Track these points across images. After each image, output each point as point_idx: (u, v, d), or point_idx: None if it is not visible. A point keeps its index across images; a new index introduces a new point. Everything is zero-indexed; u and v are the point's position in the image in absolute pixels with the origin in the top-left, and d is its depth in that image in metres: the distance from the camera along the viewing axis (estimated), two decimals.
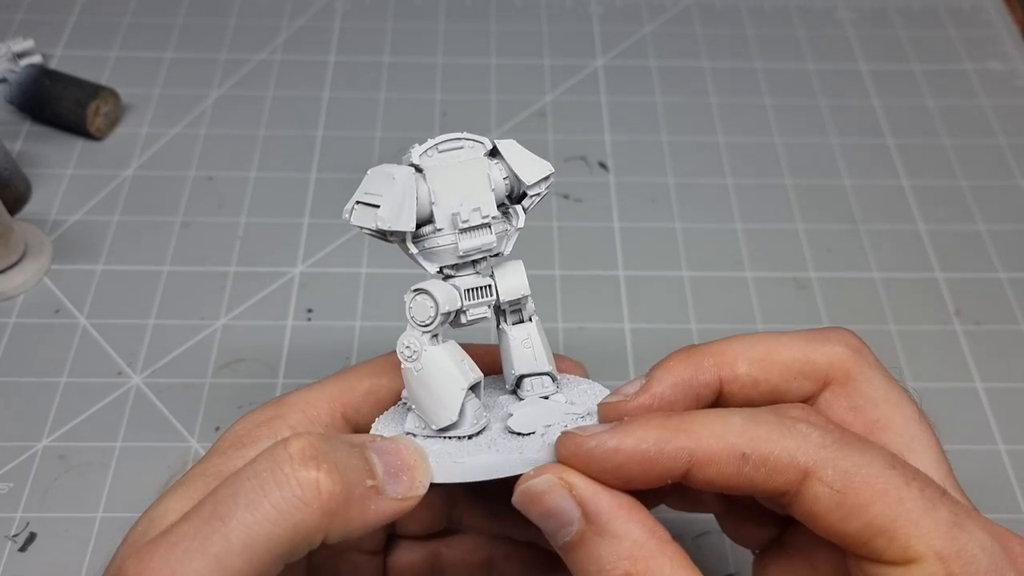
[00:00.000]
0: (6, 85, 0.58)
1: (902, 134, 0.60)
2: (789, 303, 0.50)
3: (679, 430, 0.26)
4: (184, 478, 0.29)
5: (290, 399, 0.31)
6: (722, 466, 0.26)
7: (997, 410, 0.46)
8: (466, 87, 0.61)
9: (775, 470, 0.25)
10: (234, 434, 0.30)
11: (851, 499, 0.25)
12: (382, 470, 0.27)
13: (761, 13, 0.67)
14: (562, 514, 0.26)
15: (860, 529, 0.25)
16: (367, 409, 0.32)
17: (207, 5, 0.66)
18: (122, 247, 0.51)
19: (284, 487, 0.24)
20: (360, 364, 0.33)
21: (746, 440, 0.26)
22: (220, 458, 0.29)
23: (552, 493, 0.26)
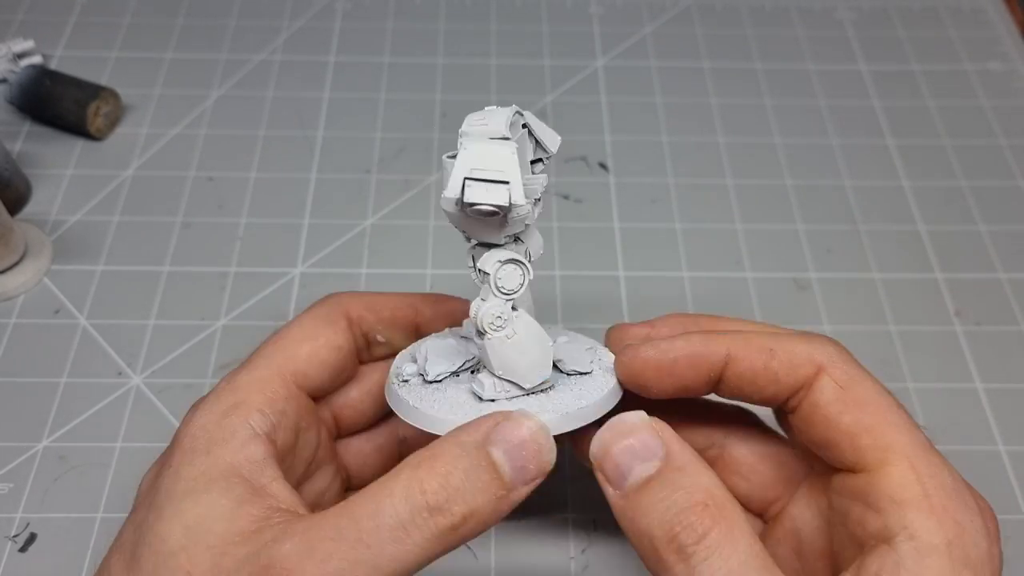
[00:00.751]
0: (6, 85, 0.58)
1: (902, 134, 0.60)
2: (789, 303, 0.50)
3: (718, 334, 0.31)
4: (183, 478, 0.29)
5: (241, 381, 0.32)
6: (753, 360, 0.31)
7: (997, 410, 0.46)
8: (466, 87, 0.61)
9: (796, 365, 0.30)
10: (201, 428, 0.30)
11: (851, 396, 0.29)
12: (509, 469, 0.28)
13: (761, 13, 0.68)
14: (649, 448, 0.28)
15: (851, 423, 0.29)
16: (313, 372, 0.33)
17: (207, 5, 0.66)
18: (122, 247, 0.51)
19: (424, 529, 0.27)
20: (286, 330, 0.34)
21: (773, 341, 0.31)
22: (206, 458, 0.29)
23: (644, 428, 0.28)
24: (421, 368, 0.33)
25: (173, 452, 0.31)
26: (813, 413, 0.30)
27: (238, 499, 0.28)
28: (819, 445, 0.31)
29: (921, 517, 0.27)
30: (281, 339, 0.34)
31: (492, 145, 0.29)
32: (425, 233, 0.53)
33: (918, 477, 0.28)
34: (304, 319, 0.35)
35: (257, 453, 0.30)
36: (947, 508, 0.27)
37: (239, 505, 0.28)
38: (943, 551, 0.26)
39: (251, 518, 0.28)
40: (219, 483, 0.29)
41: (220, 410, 0.31)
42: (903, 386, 0.47)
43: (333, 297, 0.36)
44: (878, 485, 0.28)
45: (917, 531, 0.27)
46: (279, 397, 0.32)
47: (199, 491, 0.29)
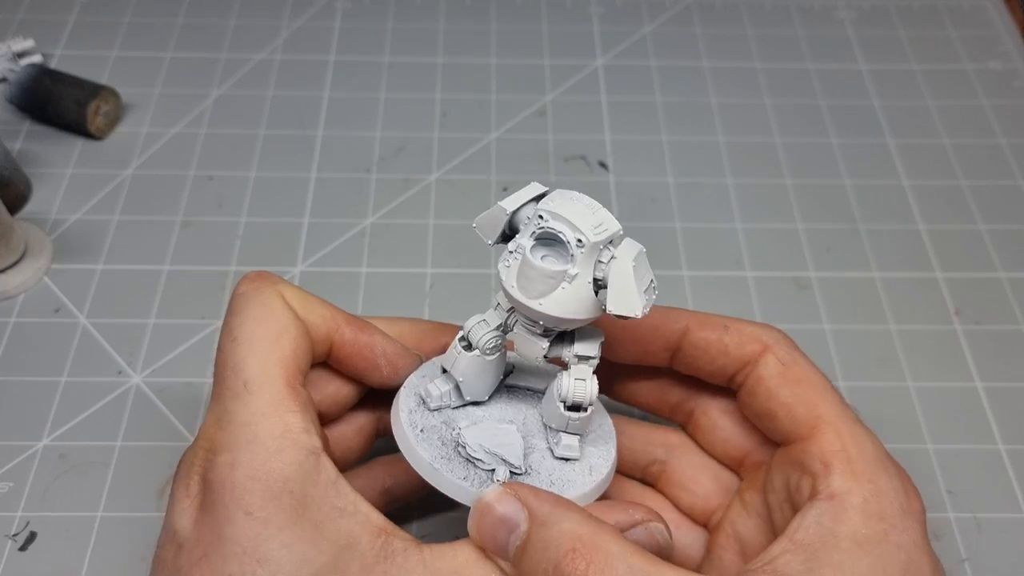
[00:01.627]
0: (6, 85, 0.58)
1: (902, 134, 0.60)
2: (789, 303, 0.50)
3: (679, 310, 0.36)
4: (281, 526, 0.29)
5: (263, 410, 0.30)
6: (708, 332, 0.35)
7: (997, 410, 0.46)
8: (466, 87, 0.61)
9: (745, 341, 0.34)
10: (264, 469, 0.29)
11: (791, 373, 0.33)
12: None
13: (761, 13, 0.68)
14: (511, 518, 0.29)
15: (789, 396, 0.33)
16: (303, 364, 0.33)
17: (207, 5, 0.66)
18: (122, 247, 0.51)
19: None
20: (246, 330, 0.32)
21: (727, 320, 0.35)
22: (291, 498, 0.29)
23: (502, 500, 0.29)
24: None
25: (238, 497, 0.29)
26: (757, 385, 0.34)
27: (349, 533, 0.29)
28: (760, 415, 0.34)
29: (842, 479, 0.30)
30: (251, 345, 0.32)
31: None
32: (425, 232, 0.53)
33: (843, 444, 0.31)
34: (258, 314, 0.32)
35: (331, 474, 0.30)
36: (865, 471, 0.30)
37: (355, 538, 0.29)
38: (858, 507, 0.29)
39: (372, 547, 0.29)
40: (326, 523, 0.29)
41: (270, 445, 0.30)
42: (903, 385, 0.47)
43: (266, 284, 0.33)
44: (809, 451, 0.32)
45: (837, 490, 0.30)
46: (305, 408, 0.31)
47: (312, 536, 0.29)
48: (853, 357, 0.48)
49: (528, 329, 0.32)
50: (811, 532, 0.29)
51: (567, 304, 0.30)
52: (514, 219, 0.31)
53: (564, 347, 0.32)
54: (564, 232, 0.29)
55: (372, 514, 0.30)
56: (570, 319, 0.30)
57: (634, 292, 0.29)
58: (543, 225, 0.29)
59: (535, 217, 0.30)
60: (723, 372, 0.35)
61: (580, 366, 0.32)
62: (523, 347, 0.32)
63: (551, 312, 0.30)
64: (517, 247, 0.30)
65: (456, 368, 0.33)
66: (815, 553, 0.29)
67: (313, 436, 0.31)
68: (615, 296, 0.29)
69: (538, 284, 0.30)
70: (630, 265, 0.29)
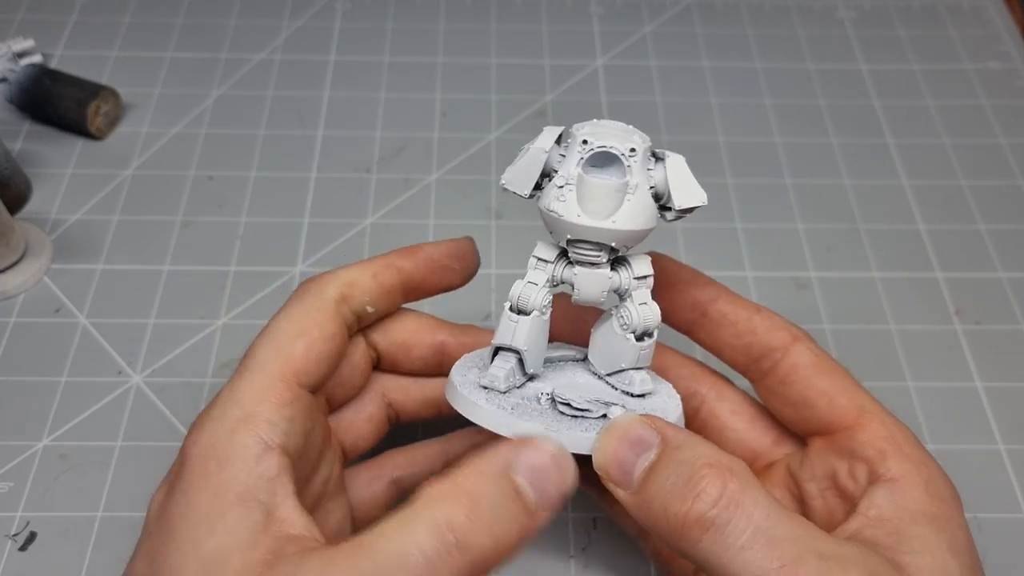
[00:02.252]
0: (6, 85, 0.58)
1: (902, 134, 0.60)
2: (789, 303, 0.50)
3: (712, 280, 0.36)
4: (196, 504, 0.28)
5: (244, 391, 0.31)
6: (740, 307, 0.35)
7: (997, 410, 0.46)
8: (466, 87, 0.61)
9: (775, 327, 0.34)
10: (210, 447, 0.29)
11: (824, 363, 0.34)
12: (534, 496, 0.27)
13: (761, 13, 0.68)
14: (644, 441, 0.28)
15: (829, 386, 0.33)
16: (313, 367, 0.33)
17: (207, 5, 0.66)
18: (122, 247, 0.51)
19: (452, 567, 0.26)
20: (276, 328, 0.33)
21: (760, 307, 0.35)
22: (218, 480, 0.28)
23: (635, 424, 0.29)
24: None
25: (182, 472, 0.30)
26: (792, 373, 0.34)
27: (254, 527, 0.28)
28: (795, 404, 0.34)
29: (899, 463, 0.31)
30: (274, 338, 0.33)
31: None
32: (425, 232, 0.53)
33: (890, 433, 0.32)
34: (292, 312, 0.34)
35: (271, 468, 0.29)
36: (915, 456, 0.31)
37: (255, 535, 0.27)
38: (922, 488, 0.30)
39: (265, 549, 0.27)
40: (235, 509, 0.28)
41: (228, 426, 0.30)
42: (903, 385, 0.47)
43: (313, 284, 0.35)
44: (859, 438, 0.32)
45: (897, 473, 0.31)
46: (285, 402, 0.31)
47: (214, 519, 0.28)
48: (853, 357, 0.48)
49: (592, 262, 0.31)
50: (885, 509, 0.30)
51: (637, 216, 0.30)
52: (548, 161, 0.31)
53: (621, 274, 0.32)
54: (615, 146, 0.30)
55: (291, 520, 0.28)
56: (641, 230, 0.31)
57: (695, 183, 0.31)
58: (593, 147, 0.30)
59: (576, 145, 0.30)
60: (747, 351, 0.35)
61: (640, 290, 0.32)
62: (586, 286, 0.32)
63: (626, 227, 0.30)
64: (567, 179, 0.30)
65: (517, 338, 0.32)
66: (898, 527, 0.29)
67: (276, 430, 0.30)
68: (680, 190, 0.31)
69: (606, 203, 0.30)
70: (683, 161, 0.31)
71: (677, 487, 0.27)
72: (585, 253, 0.31)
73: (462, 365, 0.34)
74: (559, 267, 0.32)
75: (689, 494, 0.27)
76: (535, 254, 0.32)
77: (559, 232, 0.31)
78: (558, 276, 0.32)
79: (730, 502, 0.26)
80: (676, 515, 0.27)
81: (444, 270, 0.37)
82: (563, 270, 0.32)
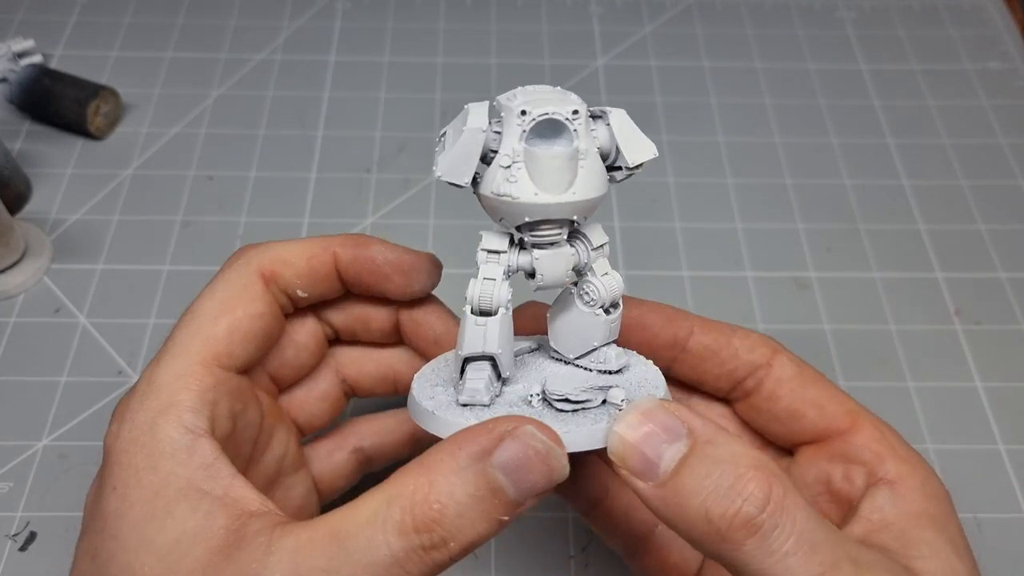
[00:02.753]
0: (6, 85, 0.58)
1: (902, 134, 0.60)
2: (789, 303, 0.50)
3: (686, 312, 0.35)
4: (134, 501, 0.28)
5: (162, 379, 0.30)
6: (717, 333, 0.34)
7: (997, 410, 0.46)
8: (466, 87, 0.61)
9: (754, 345, 0.34)
10: (133, 442, 0.29)
11: (807, 373, 0.34)
12: (515, 491, 0.26)
13: (761, 13, 0.68)
14: (672, 430, 0.26)
15: (817, 395, 0.33)
16: (237, 349, 0.32)
17: (207, 5, 0.66)
18: (122, 247, 0.51)
19: (421, 564, 0.25)
20: (198, 306, 0.32)
21: (730, 325, 0.35)
22: (154, 476, 0.28)
23: (660, 410, 0.27)
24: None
25: (110, 470, 0.29)
26: (778, 388, 0.33)
27: (206, 515, 0.27)
28: (785, 417, 0.34)
29: (896, 464, 0.31)
30: (195, 318, 0.31)
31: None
32: (425, 232, 0.53)
33: (883, 436, 0.32)
34: (216, 290, 0.32)
35: (206, 456, 0.28)
36: (911, 458, 0.32)
37: (209, 521, 0.27)
38: (919, 489, 0.31)
39: (225, 531, 0.27)
40: (181, 503, 0.27)
41: (148, 418, 0.29)
42: (903, 385, 0.47)
43: (242, 256, 0.33)
44: (854, 443, 0.32)
45: (896, 475, 0.31)
46: (206, 387, 0.30)
47: (161, 515, 0.27)
48: (853, 357, 0.48)
49: (552, 242, 0.29)
50: (888, 513, 0.30)
51: (592, 182, 0.28)
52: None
53: (579, 248, 0.30)
54: (558, 110, 0.27)
55: (246, 498, 0.28)
56: (600, 196, 0.28)
57: (643, 136, 0.29)
58: (534, 116, 0.27)
59: (512, 118, 0.27)
60: (731, 376, 0.34)
61: (599, 261, 0.30)
62: (550, 269, 0.29)
63: (587, 196, 0.28)
64: (512, 157, 0.27)
65: (489, 343, 0.29)
66: (903, 530, 0.29)
67: (200, 416, 0.29)
68: (629, 146, 0.29)
69: (562, 174, 0.27)
70: (626, 114, 0.29)
71: (720, 488, 0.25)
72: (545, 234, 0.29)
73: (424, 386, 0.31)
74: (514, 255, 0.29)
75: (736, 496, 0.25)
76: (484, 247, 0.29)
77: (513, 216, 0.28)
78: (514, 265, 0.29)
79: (776, 507, 0.25)
80: (720, 517, 0.25)
81: (382, 277, 0.34)
82: (518, 257, 0.29)
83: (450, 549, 0.25)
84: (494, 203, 0.28)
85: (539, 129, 0.27)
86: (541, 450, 0.26)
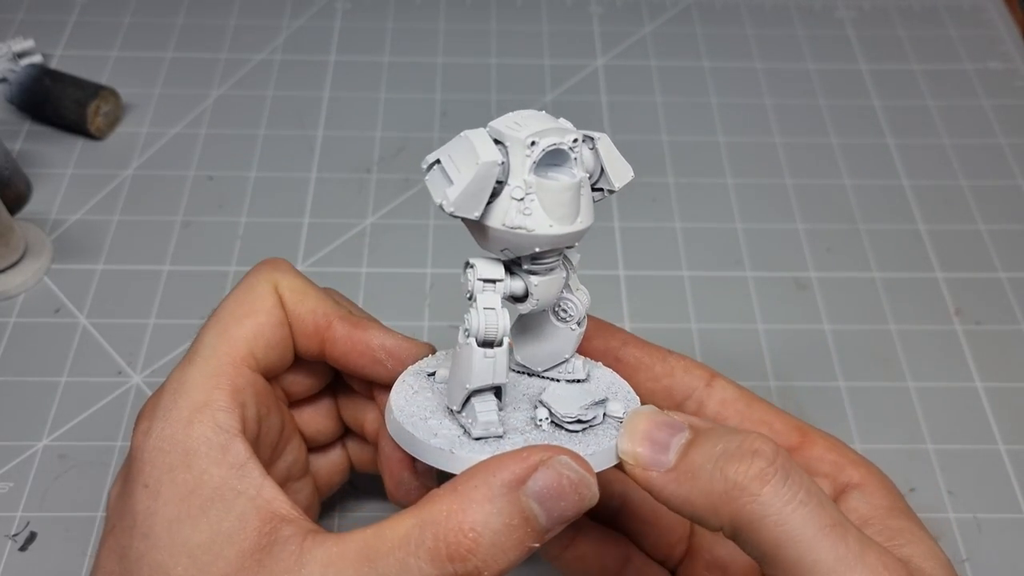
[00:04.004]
0: (6, 85, 0.58)
1: (902, 134, 0.60)
2: (789, 303, 0.50)
3: (615, 329, 0.35)
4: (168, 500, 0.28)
5: (194, 378, 0.30)
6: (652, 350, 0.34)
7: (997, 410, 0.46)
8: (466, 87, 0.61)
9: (691, 367, 0.34)
10: (169, 440, 0.29)
11: (747, 394, 0.34)
12: (546, 520, 0.26)
13: (761, 13, 0.68)
14: (674, 423, 0.28)
15: (762, 414, 0.33)
16: (261, 352, 0.32)
17: (207, 5, 0.66)
18: (122, 247, 0.51)
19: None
20: (224, 310, 0.32)
21: (669, 350, 0.35)
22: (188, 474, 0.28)
23: (660, 411, 0.29)
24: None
25: (141, 468, 0.29)
26: (723, 408, 0.33)
27: (240, 516, 0.27)
28: None
29: (855, 470, 0.32)
30: (220, 321, 0.32)
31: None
32: (425, 232, 0.53)
33: (834, 445, 0.33)
34: (240, 295, 0.33)
35: (239, 456, 0.29)
36: (863, 461, 0.32)
37: (243, 523, 0.27)
38: (883, 489, 0.31)
39: (258, 533, 0.27)
40: (215, 503, 0.28)
41: (182, 416, 0.29)
42: (903, 386, 0.47)
43: (264, 269, 0.33)
44: (812, 456, 0.32)
45: (860, 479, 0.31)
46: (237, 388, 0.30)
47: (196, 514, 0.27)
48: (853, 357, 0.48)
49: (552, 268, 0.29)
50: (865, 511, 0.30)
51: (590, 209, 0.28)
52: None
53: (565, 267, 0.30)
54: (562, 142, 0.27)
55: (276, 500, 0.28)
56: (592, 222, 0.29)
57: (623, 160, 0.29)
58: (543, 147, 0.27)
59: (520, 148, 0.27)
60: (668, 394, 0.34)
61: (573, 277, 0.31)
62: (547, 294, 0.29)
63: (588, 224, 0.28)
64: (525, 189, 0.27)
65: (499, 373, 0.29)
66: (884, 524, 0.30)
67: (233, 416, 0.29)
68: (614, 171, 0.29)
69: (571, 205, 0.28)
70: (609, 140, 0.29)
71: (730, 449, 0.27)
72: (548, 262, 0.29)
73: (414, 422, 0.30)
74: (510, 282, 0.29)
75: (747, 451, 0.26)
76: (481, 276, 0.29)
77: (522, 247, 0.28)
78: (510, 291, 0.29)
79: (785, 459, 0.26)
80: (735, 471, 0.26)
81: (374, 361, 0.33)
82: (512, 283, 0.29)
83: (482, 573, 0.26)
84: (504, 235, 0.28)
85: (546, 159, 0.27)
86: (574, 479, 0.26)
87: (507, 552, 0.26)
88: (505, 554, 0.26)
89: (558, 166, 0.28)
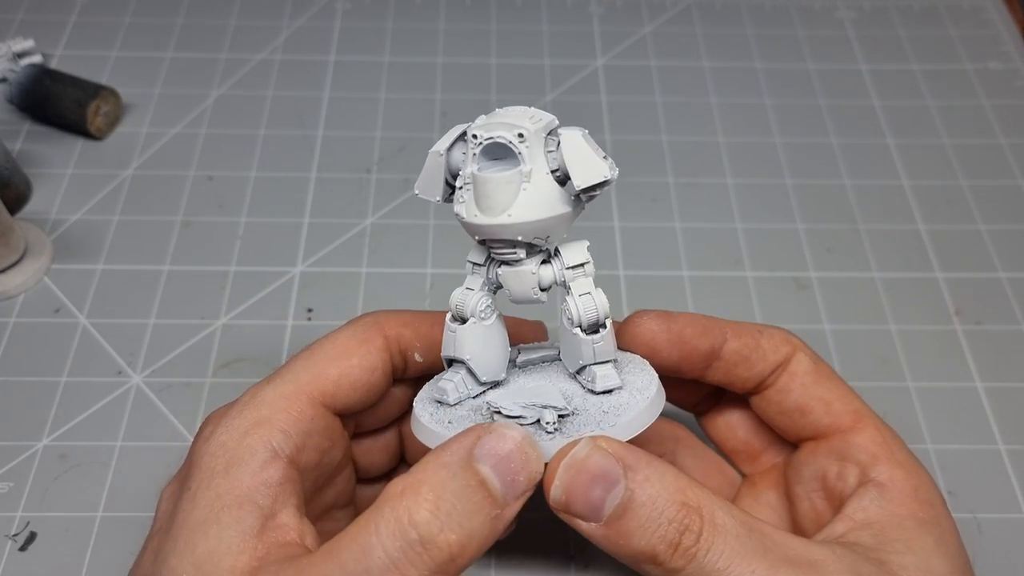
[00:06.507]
0: (6, 85, 0.58)
1: (902, 134, 0.60)
2: (789, 303, 0.50)
3: (716, 319, 0.35)
4: (200, 504, 0.28)
5: (266, 397, 0.31)
6: (747, 338, 0.35)
7: (997, 410, 0.46)
8: (466, 87, 0.61)
9: (778, 344, 0.35)
10: (222, 446, 0.29)
11: (822, 370, 0.35)
12: (500, 485, 0.27)
13: (761, 13, 0.68)
14: (608, 473, 0.28)
15: (825, 392, 0.34)
16: (343, 393, 0.32)
17: (207, 5, 0.66)
18: (122, 247, 0.51)
19: (420, 565, 0.26)
20: (319, 346, 0.33)
21: (756, 325, 0.36)
22: (224, 480, 0.29)
23: (593, 455, 0.28)
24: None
25: (192, 471, 0.30)
26: (791, 382, 0.34)
27: (246, 532, 0.28)
28: (792, 411, 0.35)
29: (890, 467, 0.32)
30: (312, 355, 0.32)
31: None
32: (425, 232, 0.53)
33: (884, 439, 0.33)
34: (339, 336, 0.33)
35: (274, 476, 0.29)
36: (908, 462, 0.32)
37: (245, 539, 0.27)
38: (911, 493, 0.31)
39: (253, 554, 0.27)
40: (231, 512, 0.28)
41: (242, 427, 0.30)
42: (903, 386, 0.47)
43: (371, 315, 0.35)
44: (853, 442, 0.33)
45: (889, 478, 0.32)
46: (305, 416, 0.31)
47: (210, 521, 0.28)
48: (853, 357, 0.48)
49: (510, 260, 0.30)
50: (872, 512, 0.31)
51: (536, 205, 0.28)
52: (452, 163, 0.30)
53: (554, 267, 0.31)
54: (503, 134, 0.28)
55: (286, 526, 0.28)
56: (545, 219, 0.29)
57: (594, 158, 0.28)
58: (481, 140, 0.28)
59: (468, 140, 0.29)
60: (759, 377, 0.35)
61: (578, 280, 0.30)
62: (515, 285, 0.30)
63: (523, 219, 0.28)
64: (465, 179, 0.29)
65: (460, 348, 0.31)
66: (882, 530, 0.30)
67: (289, 440, 0.30)
68: (578, 169, 0.28)
69: (499, 196, 0.28)
70: (580, 136, 0.29)
71: (661, 526, 0.27)
72: (502, 252, 0.30)
73: (423, 400, 0.33)
74: (491, 269, 0.31)
75: (674, 533, 0.27)
76: (469, 259, 0.31)
77: (470, 234, 0.30)
78: (492, 278, 0.31)
79: (709, 531, 0.27)
80: (662, 550, 0.27)
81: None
82: (493, 271, 0.31)
83: (450, 543, 0.26)
84: (458, 221, 0.30)
85: (488, 152, 0.29)
86: (517, 438, 0.28)
87: (470, 518, 0.26)
88: (469, 519, 0.26)
89: (501, 160, 0.29)
